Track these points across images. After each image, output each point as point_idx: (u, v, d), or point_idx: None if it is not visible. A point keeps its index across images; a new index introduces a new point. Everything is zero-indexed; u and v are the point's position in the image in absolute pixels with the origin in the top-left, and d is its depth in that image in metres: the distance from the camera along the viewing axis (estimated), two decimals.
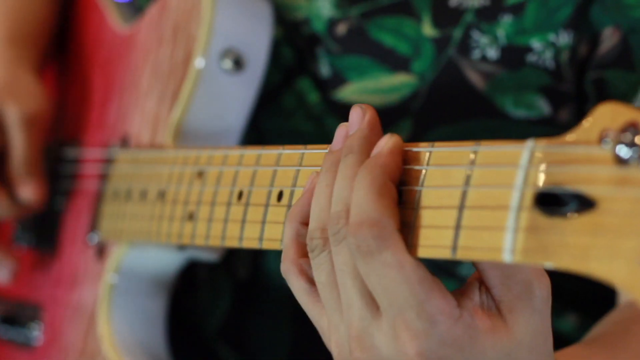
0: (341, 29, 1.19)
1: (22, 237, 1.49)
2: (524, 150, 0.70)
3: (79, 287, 1.33)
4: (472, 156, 0.75)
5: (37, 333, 1.42)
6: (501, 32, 1.10)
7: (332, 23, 1.20)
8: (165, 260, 1.25)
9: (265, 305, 0.86)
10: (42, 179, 1.38)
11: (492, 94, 1.12)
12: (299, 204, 0.87)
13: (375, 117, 0.83)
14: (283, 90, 1.24)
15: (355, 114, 0.84)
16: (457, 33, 1.12)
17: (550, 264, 0.67)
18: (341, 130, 0.86)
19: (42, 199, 1.38)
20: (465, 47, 1.12)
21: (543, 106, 1.11)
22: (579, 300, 1.21)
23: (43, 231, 1.44)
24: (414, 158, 0.80)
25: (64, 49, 1.52)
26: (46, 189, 1.39)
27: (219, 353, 1.32)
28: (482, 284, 0.78)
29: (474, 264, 0.78)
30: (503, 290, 0.77)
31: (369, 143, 0.82)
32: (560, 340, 1.03)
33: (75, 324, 1.32)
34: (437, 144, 0.79)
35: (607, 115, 0.66)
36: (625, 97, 1.06)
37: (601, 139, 0.65)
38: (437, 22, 1.14)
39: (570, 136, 0.68)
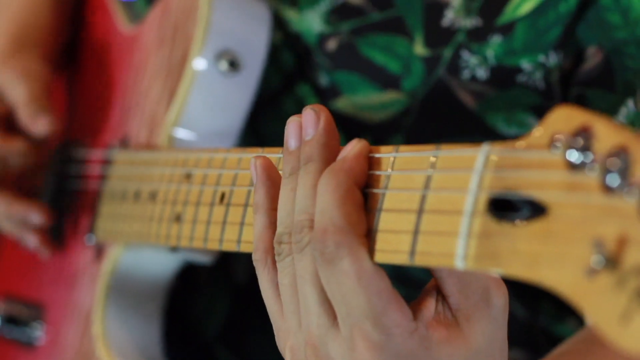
0: (331, 44, 1.18)
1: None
2: (480, 154, 0.69)
3: (78, 287, 1.33)
4: (432, 160, 0.73)
5: (39, 333, 1.42)
6: (490, 52, 1.08)
7: (322, 38, 1.18)
8: (161, 263, 1.25)
9: (265, 309, 0.85)
10: (53, 111, 1.33)
11: (484, 112, 1.11)
12: (259, 193, 0.87)
13: (330, 121, 0.82)
14: (283, 94, 1.23)
15: (308, 116, 0.83)
16: (447, 53, 1.10)
17: (501, 271, 0.65)
18: (293, 126, 0.84)
19: (58, 128, 1.33)
20: (454, 67, 1.10)
21: (535, 124, 1.09)
22: None
23: (50, 231, 1.44)
24: (378, 163, 0.79)
25: (74, 54, 1.52)
26: (60, 120, 1.34)
27: (217, 356, 1.31)
28: (439, 293, 0.77)
29: (432, 272, 0.77)
30: (460, 298, 0.76)
31: (328, 150, 0.81)
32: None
33: (73, 324, 1.32)
34: (401, 147, 0.78)
35: (560, 119, 0.64)
36: None
37: (551, 144, 0.64)
38: (428, 42, 1.12)
39: (525, 140, 0.66)
